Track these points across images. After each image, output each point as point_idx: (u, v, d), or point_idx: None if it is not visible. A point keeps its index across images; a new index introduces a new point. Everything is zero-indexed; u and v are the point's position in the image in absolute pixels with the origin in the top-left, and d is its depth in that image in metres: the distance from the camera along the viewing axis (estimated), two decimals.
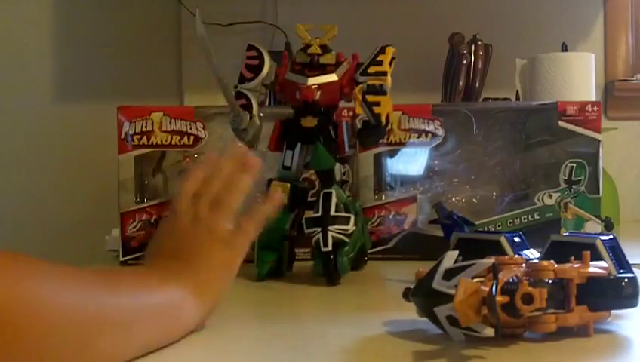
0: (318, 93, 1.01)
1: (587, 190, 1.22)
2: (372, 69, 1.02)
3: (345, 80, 1.03)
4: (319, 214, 0.98)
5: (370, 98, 1.00)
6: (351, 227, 0.98)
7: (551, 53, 1.60)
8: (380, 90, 1.01)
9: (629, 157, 1.93)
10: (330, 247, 0.95)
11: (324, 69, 1.03)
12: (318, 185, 1.05)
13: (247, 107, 1.02)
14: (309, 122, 1.03)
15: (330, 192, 1.00)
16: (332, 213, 0.98)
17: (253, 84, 1.04)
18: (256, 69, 1.04)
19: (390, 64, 1.03)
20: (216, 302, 0.69)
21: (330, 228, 0.96)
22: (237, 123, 1.01)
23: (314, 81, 1.02)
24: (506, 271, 0.62)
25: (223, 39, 1.73)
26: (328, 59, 1.04)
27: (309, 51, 1.04)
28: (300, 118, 1.04)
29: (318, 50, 1.04)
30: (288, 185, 1.03)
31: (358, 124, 1.04)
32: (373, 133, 1.02)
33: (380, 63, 1.02)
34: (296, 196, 1.04)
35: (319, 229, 0.97)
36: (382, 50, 1.03)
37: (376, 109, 1.00)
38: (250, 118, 1.02)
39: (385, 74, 1.02)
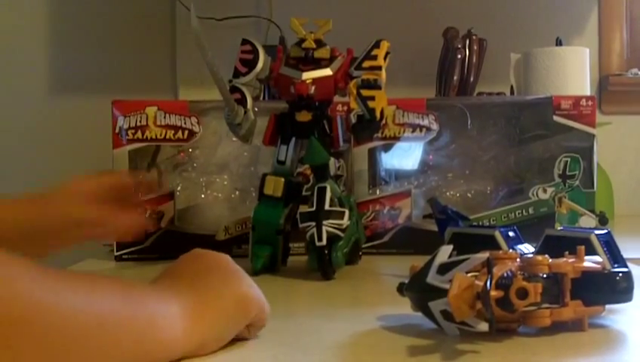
0: (313, 87, 1.01)
1: (581, 184, 1.22)
2: (366, 64, 1.02)
3: (339, 74, 1.03)
4: (313, 209, 0.97)
5: (364, 92, 1.00)
6: (345, 221, 0.98)
7: (545, 48, 1.60)
8: (374, 85, 1.00)
9: (624, 151, 1.94)
10: (324, 242, 0.95)
11: (318, 64, 1.03)
12: (313, 179, 1.04)
13: (242, 101, 1.02)
14: (304, 116, 1.03)
15: (325, 187, 0.99)
16: (326, 207, 0.97)
17: (248, 79, 1.03)
18: (250, 64, 1.04)
19: (385, 58, 1.02)
20: (211, 335, 0.59)
21: (324, 222, 0.96)
22: (232, 117, 1.00)
23: (308, 75, 1.02)
24: (501, 265, 0.62)
25: (217, 33, 1.73)
26: (323, 53, 1.03)
27: (303, 46, 1.03)
28: (294, 112, 1.03)
29: (313, 45, 1.03)
30: (283, 179, 1.02)
31: (353, 119, 1.03)
32: (368, 127, 1.02)
33: (375, 58, 1.02)
34: (291, 191, 1.03)
35: (314, 224, 0.96)
36: (376, 45, 1.03)
37: (370, 104, 0.99)
38: (245, 112, 1.02)
39: (379, 68, 1.01)
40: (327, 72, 1.03)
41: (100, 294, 0.51)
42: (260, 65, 1.04)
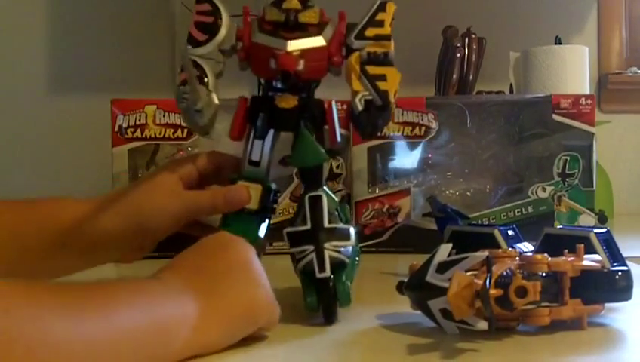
0: (301, 61, 0.74)
1: (581, 183, 1.22)
2: (370, 32, 0.77)
3: (334, 45, 0.76)
4: (308, 227, 0.72)
5: (372, 70, 0.75)
6: (352, 242, 0.73)
7: (545, 47, 1.60)
8: (384, 60, 0.76)
9: (623, 150, 1.94)
10: (328, 272, 0.69)
11: (304, 30, 0.76)
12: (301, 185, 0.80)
13: (201, 79, 0.75)
14: (287, 102, 0.76)
15: (319, 196, 0.74)
16: (325, 224, 0.72)
17: (208, 49, 0.77)
18: (210, 29, 0.77)
19: (390, 25, 0.78)
20: (215, 342, 0.59)
21: (325, 245, 0.70)
22: (190, 101, 0.74)
23: (296, 45, 0.75)
24: (500, 264, 0.62)
25: None
26: (310, 17, 0.76)
27: (284, 6, 0.77)
28: (273, 95, 0.77)
29: (297, 5, 0.76)
30: (260, 186, 0.77)
31: (359, 105, 0.74)
32: (379, 116, 0.75)
33: (381, 24, 0.77)
34: (268, 200, 0.78)
35: (311, 248, 0.70)
36: (381, 7, 0.78)
37: (381, 85, 0.74)
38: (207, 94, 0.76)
39: (388, 38, 0.77)
40: (319, 41, 0.76)
41: (121, 311, 0.51)
42: (223, 31, 0.78)
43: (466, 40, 1.66)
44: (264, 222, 0.77)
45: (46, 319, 0.45)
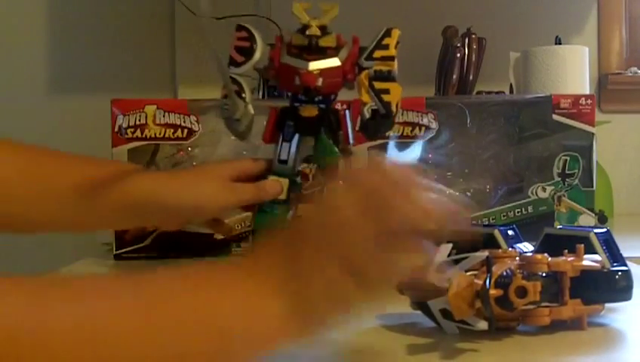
0: (320, 79, 0.91)
1: (581, 183, 1.22)
2: (378, 54, 0.93)
3: (348, 65, 0.93)
4: None
5: (377, 85, 0.91)
6: None
7: (544, 47, 1.60)
8: (388, 76, 0.92)
9: (623, 150, 1.94)
10: None
11: (324, 53, 0.93)
12: (312, 178, 0.99)
13: (239, 94, 0.93)
14: (309, 111, 0.94)
15: None
16: None
17: (245, 69, 0.94)
18: (247, 52, 0.94)
19: (395, 48, 0.94)
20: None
21: None
22: (230, 111, 0.91)
23: (316, 65, 0.92)
24: (500, 264, 0.62)
25: (215, 32, 1.73)
26: (328, 41, 0.93)
27: (307, 33, 0.93)
28: (297, 106, 0.95)
29: (318, 32, 0.93)
30: (287, 180, 0.94)
31: (367, 114, 0.93)
32: (383, 123, 0.93)
33: (387, 47, 0.93)
34: (294, 193, 0.96)
35: None
36: (387, 33, 0.94)
37: (385, 97, 0.91)
38: (244, 106, 0.93)
39: (392, 58, 0.93)
40: (335, 62, 0.93)
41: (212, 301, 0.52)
42: (257, 54, 0.94)
43: (466, 40, 1.66)
44: (290, 210, 0.94)
45: (49, 308, 0.45)
